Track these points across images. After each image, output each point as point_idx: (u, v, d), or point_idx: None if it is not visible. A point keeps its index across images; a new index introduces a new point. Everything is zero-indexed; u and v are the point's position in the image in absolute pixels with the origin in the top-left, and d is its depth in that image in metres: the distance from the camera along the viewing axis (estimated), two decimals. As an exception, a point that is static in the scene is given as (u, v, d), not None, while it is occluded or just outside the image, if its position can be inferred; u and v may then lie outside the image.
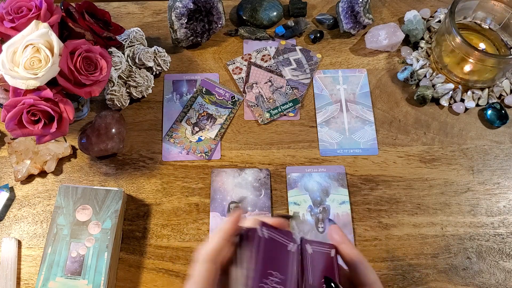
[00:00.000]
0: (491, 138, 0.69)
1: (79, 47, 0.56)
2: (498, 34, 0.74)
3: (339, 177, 0.66)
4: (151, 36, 0.78)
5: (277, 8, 0.77)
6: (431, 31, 0.77)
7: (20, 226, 0.63)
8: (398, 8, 0.81)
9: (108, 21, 0.65)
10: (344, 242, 0.43)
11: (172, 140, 0.69)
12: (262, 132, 0.70)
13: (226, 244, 0.38)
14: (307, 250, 0.41)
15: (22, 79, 0.53)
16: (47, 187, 0.66)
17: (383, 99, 0.72)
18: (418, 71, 0.73)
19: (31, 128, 0.54)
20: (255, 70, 0.74)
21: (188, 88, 0.73)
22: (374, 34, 0.75)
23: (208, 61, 0.76)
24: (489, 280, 0.60)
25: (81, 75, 0.55)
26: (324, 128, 0.70)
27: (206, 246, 0.38)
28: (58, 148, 0.66)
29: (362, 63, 0.75)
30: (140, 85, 0.69)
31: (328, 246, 0.43)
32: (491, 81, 0.71)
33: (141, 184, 0.66)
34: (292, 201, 0.64)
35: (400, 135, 0.69)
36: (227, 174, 0.66)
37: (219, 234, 0.38)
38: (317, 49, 0.76)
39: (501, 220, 0.63)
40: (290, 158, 0.68)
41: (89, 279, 0.56)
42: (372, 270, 0.42)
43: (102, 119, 0.65)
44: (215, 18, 0.73)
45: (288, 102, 0.71)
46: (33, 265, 0.61)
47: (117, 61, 0.65)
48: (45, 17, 0.56)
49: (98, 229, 0.58)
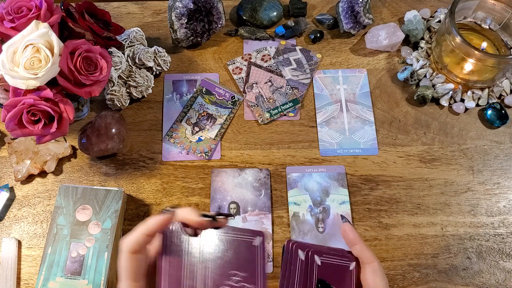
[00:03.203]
0: (491, 138, 0.69)
1: (79, 47, 0.56)
2: (498, 34, 0.74)
3: (339, 177, 0.66)
4: (151, 36, 0.78)
5: (277, 8, 0.77)
6: (431, 31, 0.77)
7: (20, 226, 0.63)
8: (398, 8, 0.81)
9: (108, 21, 0.65)
10: (358, 242, 0.41)
11: (172, 140, 0.69)
12: (262, 132, 0.70)
13: (147, 239, 0.37)
14: (315, 261, 0.39)
15: (22, 79, 0.53)
16: (47, 187, 0.66)
17: (383, 99, 0.72)
18: (418, 71, 0.73)
19: (31, 128, 0.54)
20: (255, 70, 0.74)
21: (188, 88, 0.73)
22: (374, 34, 0.75)
23: (208, 61, 0.76)
24: (489, 280, 0.60)
25: (81, 75, 0.55)
26: (324, 128, 0.70)
27: (127, 237, 0.38)
28: (58, 148, 0.66)
29: (362, 63, 0.75)
30: (140, 85, 0.69)
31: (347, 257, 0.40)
32: (491, 81, 0.71)
33: (141, 184, 0.66)
34: (292, 201, 0.64)
35: (400, 135, 0.69)
36: (227, 174, 0.66)
37: (142, 227, 0.38)
38: (317, 49, 0.76)
39: (501, 220, 0.63)
40: (290, 158, 0.68)
41: (89, 279, 0.56)
42: (384, 277, 0.40)
43: (102, 119, 0.65)
44: (215, 18, 0.73)
45: (288, 102, 0.71)
46: (33, 265, 0.61)
47: (117, 61, 0.65)
48: (45, 17, 0.56)
49: (98, 229, 0.58)
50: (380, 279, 0.40)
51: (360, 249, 0.41)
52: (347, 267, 0.40)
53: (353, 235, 0.42)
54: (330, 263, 0.40)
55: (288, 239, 0.42)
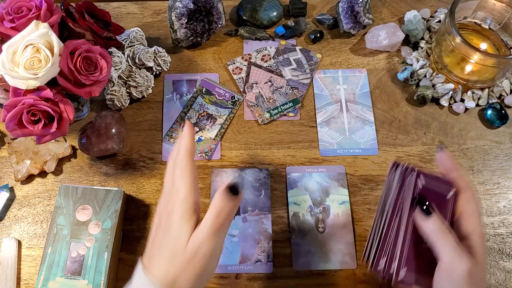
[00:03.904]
0: (491, 138, 0.69)
1: (79, 47, 0.56)
2: (498, 34, 0.74)
3: (339, 177, 0.66)
4: (151, 36, 0.78)
5: (277, 8, 0.77)
6: (431, 31, 0.77)
7: (20, 226, 0.63)
8: (398, 8, 0.81)
9: (108, 21, 0.65)
10: (455, 170, 0.44)
11: (172, 140, 0.69)
12: (262, 132, 0.70)
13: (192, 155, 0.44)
14: (417, 184, 0.42)
15: (22, 79, 0.53)
16: (47, 187, 0.66)
17: (383, 99, 0.72)
18: (418, 71, 0.73)
19: (31, 128, 0.54)
20: (255, 70, 0.74)
21: (188, 88, 0.73)
22: (374, 34, 0.75)
23: (208, 61, 0.76)
24: (489, 280, 0.60)
25: (81, 75, 0.55)
26: (324, 128, 0.70)
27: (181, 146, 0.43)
28: (58, 148, 0.66)
29: (362, 63, 0.75)
30: (140, 85, 0.69)
31: (446, 186, 0.43)
32: (491, 81, 0.71)
33: (141, 184, 0.66)
34: (292, 201, 0.64)
35: (400, 135, 0.69)
36: (227, 174, 0.66)
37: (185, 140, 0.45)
38: (317, 49, 0.76)
39: (501, 220, 0.63)
40: (290, 158, 0.68)
41: (89, 279, 0.56)
42: (477, 205, 0.43)
43: (102, 119, 0.65)
44: (215, 18, 0.73)
45: (288, 102, 0.71)
46: (33, 265, 0.61)
47: (117, 61, 0.65)
48: (45, 17, 0.56)
49: (98, 229, 0.58)
50: (474, 207, 0.43)
51: (456, 176, 0.44)
52: (445, 196, 0.43)
53: (450, 163, 0.45)
54: (431, 189, 0.43)
55: (395, 161, 0.46)
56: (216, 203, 0.42)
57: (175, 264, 0.41)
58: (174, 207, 0.42)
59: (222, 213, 0.42)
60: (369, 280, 0.59)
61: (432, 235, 0.41)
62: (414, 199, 0.43)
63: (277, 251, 0.61)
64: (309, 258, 0.61)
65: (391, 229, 0.42)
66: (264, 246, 0.61)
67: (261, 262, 0.60)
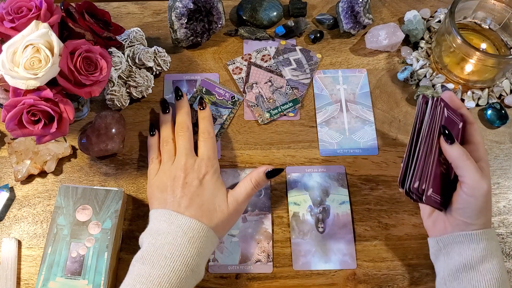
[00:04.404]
0: (491, 138, 0.69)
1: (79, 47, 0.56)
2: (498, 34, 0.74)
3: (339, 177, 0.66)
4: (151, 36, 0.78)
5: (277, 8, 0.77)
6: (431, 31, 0.77)
7: (20, 226, 0.63)
8: (398, 8, 0.81)
9: (108, 21, 0.65)
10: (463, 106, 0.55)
11: (172, 140, 0.69)
12: (262, 132, 0.70)
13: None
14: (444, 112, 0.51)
15: (22, 79, 0.53)
16: (47, 187, 0.66)
17: (383, 99, 0.72)
18: (418, 71, 0.73)
19: (31, 128, 0.54)
20: (255, 70, 0.74)
21: (188, 88, 0.73)
22: (374, 34, 0.75)
23: (208, 61, 0.76)
24: (489, 280, 0.60)
25: (81, 75, 0.55)
26: (324, 128, 0.70)
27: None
28: (58, 148, 0.66)
29: (362, 63, 0.75)
30: (140, 85, 0.69)
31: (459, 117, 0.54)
32: (491, 81, 0.71)
33: (141, 184, 0.66)
34: (292, 201, 0.64)
35: (400, 135, 0.69)
36: (227, 174, 0.66)
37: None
38: (317, 49, 0.77)
39: (501, 220, 0.63)
40: (290, 158, 0.68)
41: (89, 279, 0.56)
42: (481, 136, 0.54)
43: (102, 119, 0.65)
44: (215, 18, 0.73)
45: (288, 102, 0.71)
46: (33, 265, 0.61)
47: (117, 61, 0.65)
48: (45, 17, 0.56)
49: (98, 229, 0.58)
50: (480, 137, 0.54)
51: (464, 111, 0.55)
52: (458, 124, 0.54)
53: (457, 100, 0.55)
54: (450, 118, 0.52)
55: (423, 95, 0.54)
56: (258, 175, 0.58)
57: (217, 216, 0.54)
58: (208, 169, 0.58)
59: (258, 186, 0.58)
60: (369, 280, 0.60)
61: (457, 160, 0.49)
62: (442, 127, 0.50)
63: (277, 251, 0.61)
64: (309, 258, 0.61)
65: (426, 154, 0.50)
66: (264, 246, 0.61)
67: (261, 262, 0.60)
